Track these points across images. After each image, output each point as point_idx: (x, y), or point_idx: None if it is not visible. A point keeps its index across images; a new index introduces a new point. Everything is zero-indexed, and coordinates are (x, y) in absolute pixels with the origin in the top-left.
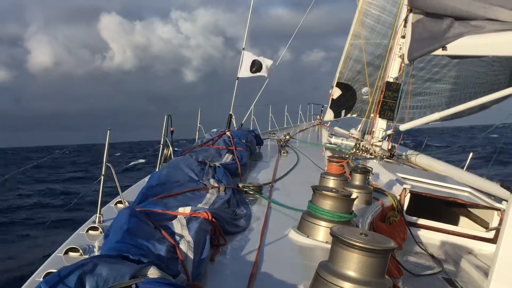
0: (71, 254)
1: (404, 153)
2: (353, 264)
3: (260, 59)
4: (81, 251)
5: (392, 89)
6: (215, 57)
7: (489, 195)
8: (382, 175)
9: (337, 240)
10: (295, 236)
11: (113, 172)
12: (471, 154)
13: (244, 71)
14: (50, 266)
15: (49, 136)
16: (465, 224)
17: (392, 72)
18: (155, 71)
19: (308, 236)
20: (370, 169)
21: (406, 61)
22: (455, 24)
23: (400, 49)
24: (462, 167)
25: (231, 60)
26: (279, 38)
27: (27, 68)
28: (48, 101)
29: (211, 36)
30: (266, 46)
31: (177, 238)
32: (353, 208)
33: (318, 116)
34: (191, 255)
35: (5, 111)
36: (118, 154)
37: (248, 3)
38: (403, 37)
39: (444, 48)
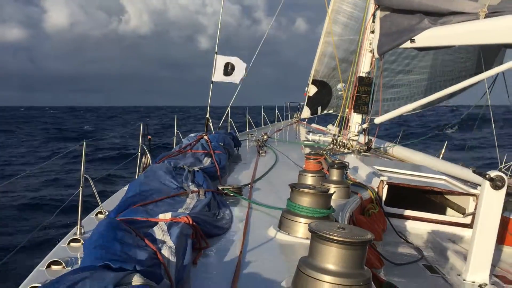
0: (54, 267)
1: (382, 146)
2: (332, 257)
3: (234, 60)
4: (63, 264)
5: (364, 83)
6: (231, 25)
7: (465, 181)
8: (360, 169)
9: (315, 235)
10: (276, 234)
11: (91, 183)
12: (445, 143)
13: (218, 75)
14: (33, 280)
15: (61, 97)
16: (442, 212)
17: (364, 67)
18: (170, 37)
19: (288, 234)
20: (347, 164)
21: (376, 55)
22: (423, 19)
23: (370, 44)
24: (439, 156)
25: (247, 29)
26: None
27: (43, 27)
28: (62, 62)
29: (229, 4)
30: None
31: (159, 244)
32: (332, 203)
33: (295, 114)
34: (173, 260)
35: (19, 70)
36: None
37: None
38: (372, 32)
39: (412, 40)
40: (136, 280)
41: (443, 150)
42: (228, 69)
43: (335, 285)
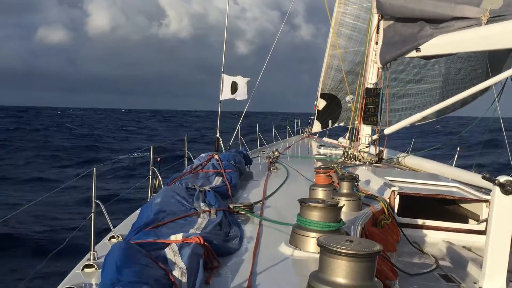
0: None
1: (394, 156)
2: (341, 270)
3: (237, 79)
4: None
5: (372, 94)
6: (269, 31)
7: (479, 188)
8: (371, 180)
9: (323, 249)
10: (287, 250)
11: (103, 208)
12: (458, 149)
13: (226, 94)
14: None
15: (100, 98)
16: (456, 219)
17: (371, 78)
18: (209, 41)
19: (300, 249)
20: (357, 176)
21: (379, 65)
22: (425, 26)
23: (375, 55)
24: (452, 163)
25: (285, 35)
26: None
27: (85, 30)
28: (102, 65)
29: (267, 10)
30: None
31: (170, 265)
32: (343, 216)
33: (306, 129)
34: (184, 280)
35: (59, 71)
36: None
37: None
38: (377, 43)
39: (418, 50)
40: None
41: (455, 157)
42: (234, 87)
43: None
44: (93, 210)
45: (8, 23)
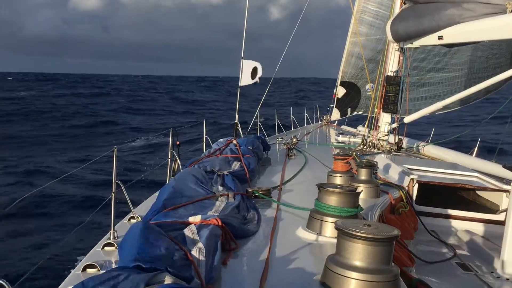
0: (89, 270)
1: (414, 145)
2: (358, 254)
3: (257, 64)
4: (98, 267)
5: (392, 82)
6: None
7: (499, 178)
8: (390, 168)
9: (341, 232)
10: (304, 234)
11: (123, 188)
12: (479, 140)
13: (246, 79)
14: (70, 283)
15: (133, 65)
16: (475, 209)
17: (392, 66)
18: (242, 6)
19: (317, 233)
20: (375, 163)
21: (390, 38)
22: (446, 9)
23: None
24: (472, 153)
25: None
26: None
27: None
28: (135, 31)
29: None
30: None
31: (189, 245)
32: (361, 203)
33: (324, 117)
34: (203, 260)
35: (93, 38)
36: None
37: None
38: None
39: (440, 37)
40: (167, 279)
41: (476, 148)
42: (255, 72)
43: (362, 282)
44: (113, 190)
45: None
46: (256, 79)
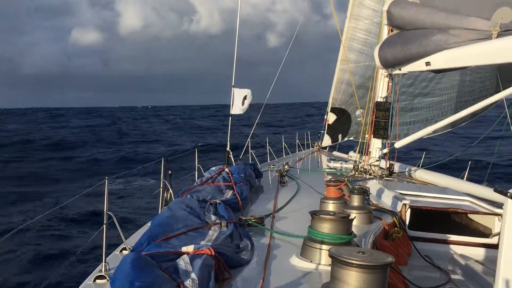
0: None
1: (406, 170)
2: (353, 281)
3: (246, 91)
4: None
5: (382, 108)
6: (299, 22)
7: (491, 202)
8: (382, 193)
9: (335, 260)
10: (298, 262)
11: (115, 220)
12: (469, 163)
13: (237, 108)
14: None
15: (133, 97)
16: (468, 233)
17: (381, 92)
18: (240, 35)
19: (311, 261)
20: (367, 189)
21: (378, 64)
22: (433, 35)
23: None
24: (463, 177)
25: (316, 25)
26: None
27: (117, 30)
28: (135, 63)
29: (297, 1)
30: None
31: (182, 276)
32: (355, 229)
33: (316, 143)
34: None
35: (93, 72)
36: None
37: None
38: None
39: (428, 63)
40: None
41: (466, 171)
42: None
43: None
44: (105, 222)
45: (45, 25)
46: (246, 105)
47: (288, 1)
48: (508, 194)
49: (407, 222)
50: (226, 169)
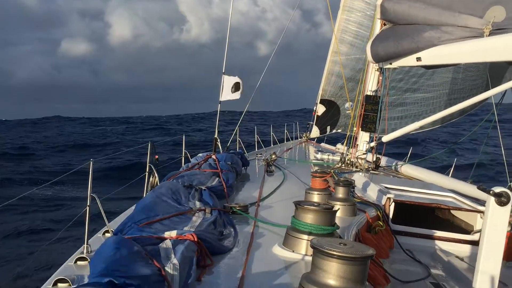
0: (60, 285)
1: (392, 164)
2: (333, 273)
3: (237, 79)
4: (70, 282)
5: (371, 102)
6: (290, 30)
7: (474, 199)
8: (367, 186)
9: (316, 251)
10: (280, 251)
11: (98, 202)
12: (455, 159)
13: (226, 95)
14: None
15: (123, 107)
16: (450, 229)
17: (371, 86)
18: (230, 43)
19: (293, 251)
20: (352, 181)
21: (370, 59)
22: (425, 31)
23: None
24: (448, 173)
25: (306, 33)
26: None
27: (107, 41)
28: (125, 74)
29: (288, 9)
30: None
31: (163, 261)
32: (338, 221)
33: (304, 134)
34: (177, 277)
35: (82, 83)
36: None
37: None
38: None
39: (418, 59)
40: None
41: (452, 168)
42: (237, 87)
43: None
44: (88, 204)
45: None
46: (238, 94)
47: (277, 10)
48: (491, 192)
49: (391, 216)
50: (213, 156)
